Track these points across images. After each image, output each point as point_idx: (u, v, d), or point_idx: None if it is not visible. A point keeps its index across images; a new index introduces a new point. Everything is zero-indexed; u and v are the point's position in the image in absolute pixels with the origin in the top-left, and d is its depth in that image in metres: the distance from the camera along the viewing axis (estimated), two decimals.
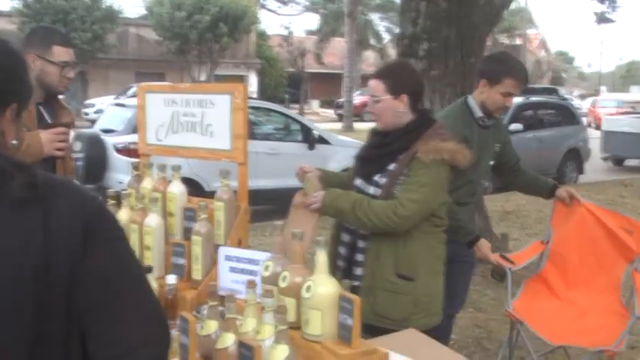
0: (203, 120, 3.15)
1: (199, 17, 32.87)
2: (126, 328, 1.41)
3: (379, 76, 3.11)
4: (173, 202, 3.09)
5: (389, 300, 3.04)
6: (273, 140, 10.92)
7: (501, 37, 50.79)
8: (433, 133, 3.02)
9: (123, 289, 1.44)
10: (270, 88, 41.81)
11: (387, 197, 2.99)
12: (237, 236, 2.92)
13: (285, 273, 2.34)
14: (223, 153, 3.08)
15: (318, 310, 2.21)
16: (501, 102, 3.70)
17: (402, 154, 3.02)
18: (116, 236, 1.48)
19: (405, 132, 3.06)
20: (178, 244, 2.93)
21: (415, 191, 2.96)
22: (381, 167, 3.08)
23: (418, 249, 3.06)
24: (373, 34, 43.19)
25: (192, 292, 2.78)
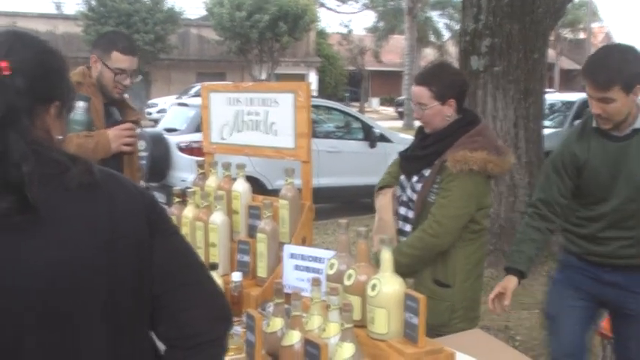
0: (267, 119, 3.17)
1: (259, 17, 33.08)
2: (196, 310, 1.56)
3: (424, 83, 3.04)
4: (238, 200, 3.12)
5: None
6: (334, 138, 10.93)
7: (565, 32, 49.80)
8: (465, 141, 2.96)
9: (189, 275, 1.58)
10: (330, 87, 41.84)
11: (421, 204, 3.00)
12: (302, 234, 2.94)
13: (350, 271, 2.34)
14: (287, 151, 3.10)
15: (383, 308, 2.20)
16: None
17: (437, 159, 3.00)
18: (175, 228, 1.63)
19: (441, 138, 3.02)
20: (243, 242, 2.97)
21: (448, 206, 2.93)
22: (418, 170, 3.08)
23: (456, 256, 3.02)
24: (433, 31, 42.85)
25: (257, 290, 2.81)
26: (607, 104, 2.84)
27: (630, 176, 2.91)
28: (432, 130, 3.08)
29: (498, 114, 6.89)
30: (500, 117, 6.88)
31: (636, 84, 2.82)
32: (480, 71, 6.90)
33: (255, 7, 33.25)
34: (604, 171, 2.97)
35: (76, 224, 1.41)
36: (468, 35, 7.08)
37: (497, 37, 6.84)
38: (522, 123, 6.93)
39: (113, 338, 1.46)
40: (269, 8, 33.20)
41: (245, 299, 2.75)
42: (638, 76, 2.82)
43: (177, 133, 9.90)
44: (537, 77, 6.98)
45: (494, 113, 6.89)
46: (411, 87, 3.12)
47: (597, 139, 3.00)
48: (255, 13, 33.19)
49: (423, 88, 3.02)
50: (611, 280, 3.05)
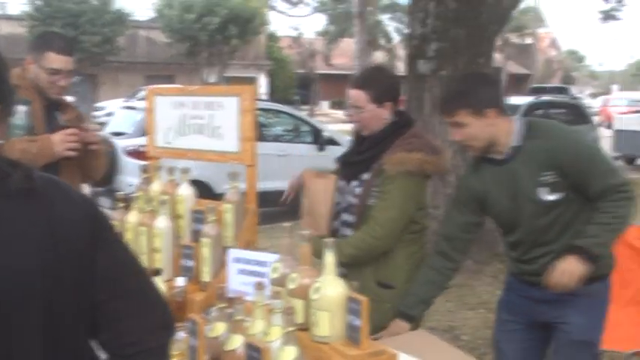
0: (211, 122, 3.17)
1: (209, 19, 32.90)
2: (138, 318, 1.54)
3: (361, 86, 3.04)
4: (182, 205, 3.10)
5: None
6: (283, 142, 10.92)
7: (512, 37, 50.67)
8: (401, 143, 2.99)
9: (131, 282, 1.57)
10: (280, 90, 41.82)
11: (362, 208, 3.01)
12: (246, 238, 2.94)
13: (293, 274, 2.35)
14: (232, 155, 3.09)
15: (326, 311, 2.21)
16: None
17: (375, 163, 3.02)
18: (118, 235, 1.61)
19: (377, 141, 3.04)
20: (187, 247, 2.95)
21: (388, 209, 2.96)
22: (357, 175, 3.08)
23: (397, 257, 3.05)
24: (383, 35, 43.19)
25: (201, 295, 2.79)
26: (460, 129, 2.81)
27: (525, 194, 2.83)
28: (368, 132, 3.08)
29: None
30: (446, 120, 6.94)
31: (486, 108, 2.78)
32: (426, 75, 6.98)
33: (205, 9, 33.06)
34: (503, 197, 2.90)
35: (13, 230, 1.39)
36: (415, 39, 7.16)
37: (443, 42, 6.93)
38: None
39: (50, 346, 1.44)
40: (219, 11, 33.05)
41: (189, 304, 2.73)
42: (487, 101, 2.79)
43: (124, 137, 9.79)
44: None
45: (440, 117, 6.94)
46: (348, 89, 3.12)
47: (488, 167, 2.94)
48: (205, 15, 33.01)
49: (360, 92, 3.03)
50: (544, 298, 2.94)
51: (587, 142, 2.92)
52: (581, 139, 2.91)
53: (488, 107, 2.78)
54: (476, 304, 5.94)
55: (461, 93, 2.82)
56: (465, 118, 2.77)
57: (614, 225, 2.74)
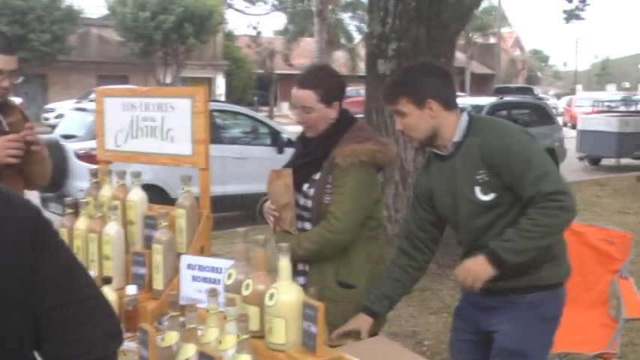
0: (163, 125, 3.16)
1: (164, 17, 32.72)
2: (84, 327, 1.53)
3: (309, 86, 3.05)
4: (133, 210, 3.08)
5: (331, 308, 2.94)
6: (241, 144, 10.90)
7: (475, 36, 51.27)
8: (350, 136, 3.04)
9: (77, 290, 1.55)
10: (239, 91, 41.73)
11: (318, 208, 3.03)
12: (200, 244, 2.93)
13: (248, 281, 2.36)
14: (184, 158, 3.09)
15: (281, 318, 2.22)
16: None
17: (324, 161, 3.05)
18: (62, 242, 1.59)
19: (324, 139, 3.07)
20: (139, 254, 2.93)
21: (344, 202, 2.98)
22: (307, 177, 3.10)
23: (357, 256, 3.07)
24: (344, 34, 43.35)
25: (153, 303, 2.78)
26: (401, 118, 2.80)
27: (463, 192, 2.79)
28: (315, 133, 3.10)
29: None
30: None
31: (427, 98, 2.75)
32: (386, 75, 7.02)
33: (159, 7, 32.87)
34: (445, 194, 2.88)
35: None
36: (374, 39, 7.21)
37: (403, 41, 6.98)
38: None
39: None
40: (174, 9, 32.88)
41: (141, 313, 2.71)
42: (429, 90, 2.76)
43: (75, 139, 9.67)
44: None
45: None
46: (293, 90, 3.10)
47: (435, 163, 2.92)
48: (160, 13, 32.82)
49: (309, 91, 3.04)
50: (483, 305, 2.91)
51: (527, 143, 2.71)
52: (521, 139, 2.72)
53: (429, 98, 2.75)
54: (439, 308, 5.99)
55: (402, 81, 2.81)
56: (405, 107, 2.76)
57: (535, 234, 2.62)
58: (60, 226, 3.17)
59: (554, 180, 2.63)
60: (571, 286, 4.21)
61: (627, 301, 3.94)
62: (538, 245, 2.66)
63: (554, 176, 2.65)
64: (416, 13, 6.98)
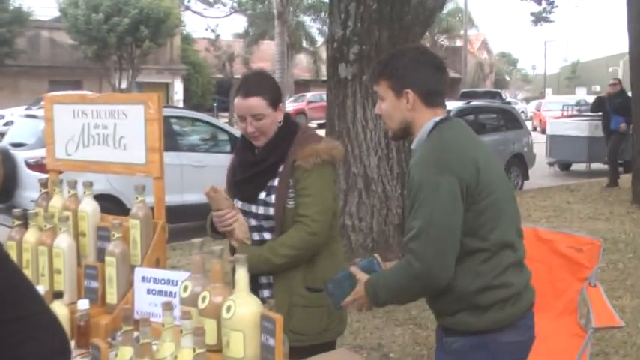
0: (115, 132, 3.16)
1: (118, 20, 32.49)
2: (30, 343, 1.53)
3: (257, 93, 3.05)
4: (85, 221, 3.08)
5: (303, 315, 3.08)
6: (200, 152, 10.87)
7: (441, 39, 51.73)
8: (304, 137, 3.11)
9: (21, 305, 1.56)
10: (197, 96, 41.57)
11: (282, 214, 3.05)
12: (155, 256, 2.93)
13: (204, 293, 2.37)
14: (138, 167, 3.10)
15: (239, 330, 2.24)
16: None
17: (280, 166, 3.08)
18: (6, 255, 1.59)
19: (276, 144, 3.10)
20: (91, 267, 2.93)
21: (315, 203, 3.03)
22: (262, 185, 3.11)
23: (322, 258, 3.11)
24: (305, 37, 43.45)
25: (106, 318, 2.78)
26: (381, 102, 2.68)
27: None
28: (263, 141, 3.11)
29: (368, 124, 7.08)
30: (370, 127, 7.07)
31: (407, 87, 2.60)
32: (348, 79, 7.09)
33: (113, 8, 32.63)
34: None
35: None
36: (335, 42, 7.26)
37: (365, 45, 7.04)
38: None
39: None
40: (129, 11, 32.66)
41: (94, 329, 2.70)
42: (409, 80, 2.61)
43: (25, 148, 9.57)
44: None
45: (364, 123, 7.07)
46: (237, 101, 3.09)
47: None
48: (114, 15, 32.58)
49: (257, 98, 3.04)
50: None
51: (428, 189, 2.43)
52: (427, 181, 2.44)
53: (407, 87, 2.60)
54: (405, 319, 6.03)
55: (386, 63, 2.69)
56: (383, 91, 2.66)
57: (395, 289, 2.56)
58: (8, 239, 3.15)
59: (421, 242, 2.44)
60: (540, 294, 4.27)
61: (596, 309, 3.99)
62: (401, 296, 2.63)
63: (425, 238, 2.44)
64: (378, 15, 7.05)
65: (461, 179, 2.44)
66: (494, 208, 2.51)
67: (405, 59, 2.64)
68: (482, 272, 2.52)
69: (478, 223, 2.49)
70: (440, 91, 2.69)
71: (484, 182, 2.48)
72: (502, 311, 2.56)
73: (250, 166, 3.17)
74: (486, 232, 2.51)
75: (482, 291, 2.52)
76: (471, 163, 2.48)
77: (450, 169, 2.44)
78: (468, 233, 2.48)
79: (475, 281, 2.51)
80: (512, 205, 2.64)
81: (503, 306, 2.56)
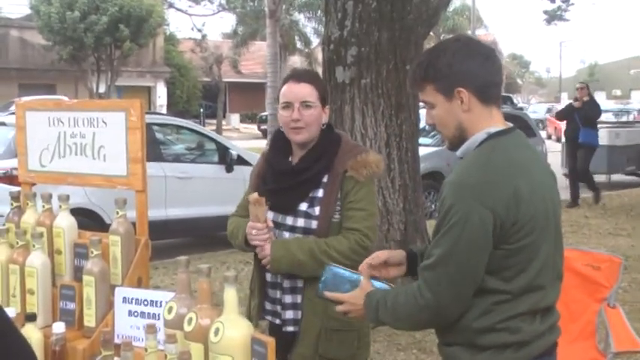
0: (94, 142, 3.19)
1: (96, 18, 32.52)
2: None
3: (310, 80, 3.16)
4: (61, 238, 3.09)
5: (335, 339, 3.14)
6: (185, 162, 10.88)
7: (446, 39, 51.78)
8: (349, 147, 3.18)
9: None
10: (182, 101, 41.62)
11: (327, 227, 3.10)
12: (137, 275, 2.95)
13: (190, 314, 2.38)
14: (119, 179, 3.12)
15: (227, 355, 2.25)
16: None
17: (325, 176, 3.13)
18: None
19: (321, 151, 3.15)
20: (67, 287, 2.94)
21: (368, 218, 3.12)
22: (304, 196, 3.15)
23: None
24: (300, 37, 43.53)
25: (84, 342, 2.79)
26: (431, 110, 2.55)
27: None
28: (306, 136, 3.14)
29: (368, 132, 7.09)
30: (369, 135, 7.08)
31: (458, 86, 2.45)
32: (346, 84, 7.10)
33: (90, 6, 32.64)
34: None
35: None
36: (332, 43, 7.28)
37: (364, 46, 7.06)
38: (395, 142, 7.14)
39: None
40: (107, 8, 32.69)
41: (70, 354, 2.71)
42: (460, 76, 2.46)
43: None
44: (410, 91, 7.23)
45: (363, 131, 7.07)
46: (287, 87, 3.15)
47: None
48: (91, 13, 32.61)
49: (310, 86, 3.14)
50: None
51: (462, 202, 2.34)
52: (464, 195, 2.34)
53: (458, 85, 2.45)
54: (408, 344, 6.04)
55: (427, 63, 2.52)
56: (432, 96, 2.51)
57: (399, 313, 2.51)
58: None
59: (436, 273, 2.39)
60: None
61: (616, 332, 3.98)
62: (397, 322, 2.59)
63: (441, 270, 2.38)
64: (377, 14, 7.07)
65: (496, 215, 2.31)
66: (527, 251, 2.39)
67: (447, 54, 2.49)
68: (491, 312, 2.41)
69: (505, 264, 2.38)
70: (495, 83, 2.54)
71: (523, 220, 2.35)
72: (501, 355, 2.45)
73: (290, 175, 3.20)
74: (511, 275, 2.39)
75: (484, 331, 2.43)
76: (512, 196, 2.33)
77: (487, 200, 2.31)
78: (491, 272, 2.37)
79: (480, 320, 2.42)
80: (551, 244, 2.48)
81: (504, 351, 2.45)
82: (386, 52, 7.03)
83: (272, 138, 3.37)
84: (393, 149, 7.11)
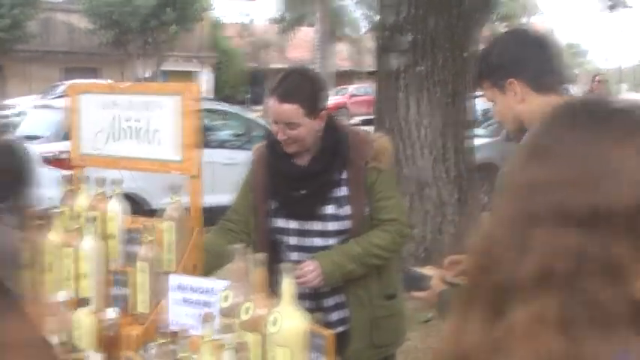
0: (149, 126, 3.18)
1: (142, 1, 32.68)
2: None
3: (292, 99, 3.05)
4: (113, 222, 3.10)
5: (386, 325, 3.19)
6: (232, 148, 10.87)
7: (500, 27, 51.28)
8: (358, 137, 3.19)
9: None
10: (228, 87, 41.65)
11: (361, 224, 3.11)
12: (191, 262, 2.95)
13: (246, 304, 2.37)
14: (172, 164, 3.11)
15: (285, 347, 2.24)
16: None
17: (343, 173, 3.12)
18: None
19: (333, 150, 3.13)
20: (120, 272, 2.95)
21: (398, 205, 3.20)
22: (325, 199, 3.14)
23: (393, 263, 3.24)
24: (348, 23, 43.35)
25: (137, 329, 2.79)
26: (494, 105, 2.61)
27: None
28: (300, 149, 3.13)
29: (422, 121, 7.06)
30: (424, 124, 7.06)
31: (508, 77, 2.49)
32: (400, 71, 7.06)
33: None
34: None
35: None
36: (387, 30, 7.25)
37: (420, 33, 7.01)
38: (450, 131, 7.11)
39: None
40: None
41: (123, 340, 2.73)
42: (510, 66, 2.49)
43: (39, 141, 9.66)
44: (467, 79, 7.18)
45: (418, 120, 7.06)
46: (271, 104, 3.11)
47: None
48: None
49: (293, 106, 3.04)
50: None
51: None
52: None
53: (509, 77, 2.49)
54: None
55: (480, 60, 2.63)
56: (490, 92, 2.57)
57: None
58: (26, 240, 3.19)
59: None
60: None
61: None
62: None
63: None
64: (434, 1, 7.02)
65: None
66: None
67: (496, 48, 2.56)
68: None
69: None
70: (551, 70, 2.54)
71: None
72: None
73: (307, 179, 3.18)
74: None
75: None
76: None
77: None
78: None
79: None
80: None
81: None
82: (442, 39, 6.99)
83: (268, 143, 3.31)
84: (449, 139, 7.07)
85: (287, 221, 3.21)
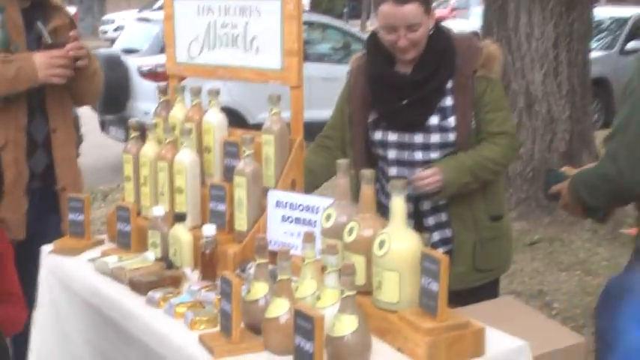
0: (246, 32, 3.07)
1: None
2: None
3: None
4: (210, 135, 3.04)
5: (490, 248, 3.12)
6: (330, 62, 10.90)
7: None
8: (466, 43, 3.07)
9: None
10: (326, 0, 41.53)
11: (467, 137, 3.01)
12: (291, 177, 2.87)
13: (352, 224, 2.27)
14: (272, 73, 3.00)
15: (394, 271, 2.13)
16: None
17: (449, 81, 3.01)
18: None
19: (440, 56, 3.01)
20: (217, 187, 2.89)
21: (508, 117, 3.13)
22: (433, 108, 3.04)
23: (498, 182, 3.19)
24: None
25: (235, 247, 2.75)
26: None
27: None
28: (415, 53, 3.01)
29: (534, 31, 6.85)
30: (536, 35, 6.85)
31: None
32: None
33: None
34: None
35: None
36: None
37: None
38: (564, 43, 6.88)
39: None
40: None
41: (221, 259, 2.69)
42: None
43: (138, 54, 9.84)
44: None
45: (529, 30, 6.87)
46: (389, 8, 2.96)
47: None
48: None
49: (413, 5, 2.92)
50: None
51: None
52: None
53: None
54: (571, 263, 5.90)
55: None
56: None
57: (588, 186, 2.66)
58: (123, 152, 3.17)
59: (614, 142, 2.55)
60: None
61: None
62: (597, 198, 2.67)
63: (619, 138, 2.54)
64: None
65: None
66: None
67: None
68: None
69: None
70: None
71: None
72: None
73: (410, 88, 3.06)
74: None
75: None
76: None
77: None
78: None
79: None
80: None
81: None
82: None
83: (368, 46, 3.22)
84: (562, 51, 6.89)
85: (386, 133, 3.14)
